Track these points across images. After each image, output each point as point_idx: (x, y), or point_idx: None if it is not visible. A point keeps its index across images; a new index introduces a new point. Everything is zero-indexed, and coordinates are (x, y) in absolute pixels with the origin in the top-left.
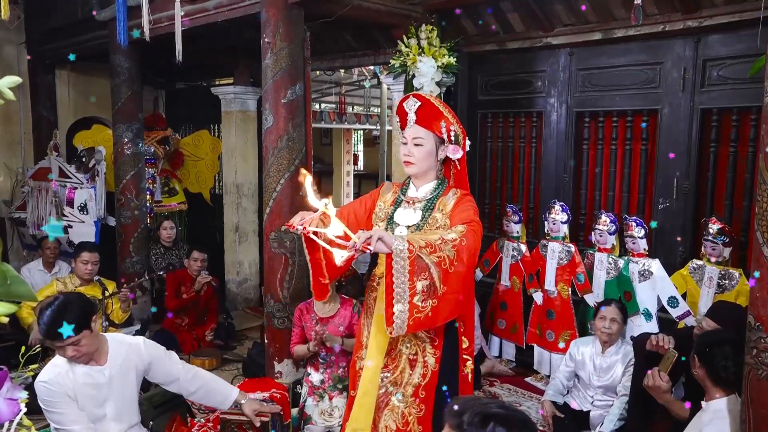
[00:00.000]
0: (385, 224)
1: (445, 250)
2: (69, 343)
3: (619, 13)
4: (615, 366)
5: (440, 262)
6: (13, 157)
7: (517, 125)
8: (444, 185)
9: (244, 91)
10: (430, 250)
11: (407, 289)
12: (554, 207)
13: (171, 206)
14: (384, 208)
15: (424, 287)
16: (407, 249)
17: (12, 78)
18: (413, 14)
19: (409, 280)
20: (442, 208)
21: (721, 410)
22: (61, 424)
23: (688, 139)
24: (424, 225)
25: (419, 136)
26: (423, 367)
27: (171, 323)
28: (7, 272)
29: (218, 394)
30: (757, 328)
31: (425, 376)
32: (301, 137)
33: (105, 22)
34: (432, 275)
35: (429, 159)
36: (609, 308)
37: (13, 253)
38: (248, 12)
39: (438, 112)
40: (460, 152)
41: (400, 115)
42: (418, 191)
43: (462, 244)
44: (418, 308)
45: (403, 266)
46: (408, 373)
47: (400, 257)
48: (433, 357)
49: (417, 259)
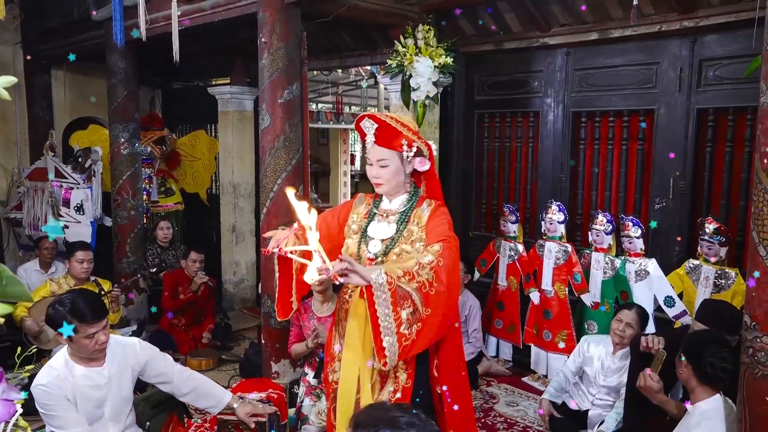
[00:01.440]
0: (358, 237)
1: (423, 275)
2: (102, 327)
3: (616, 14)
4: (623, 369)
5: (420, 287)
6: (9, 158)
7: (514, 125)
8: (417, 196)
9: (241, 91)
10: (409, 278)
11: (393, 320)
12: (551, 207)
13: (167, 206)
14: (357, 220)
15: (409, 315)
16: (386, 281)
17: (8, 78)
18: (410, 14)
19: (393, 311)
20: (417, 220)
21: (707, 411)
22: (60, 427)
23: (684, 139)
24: (399, 238)
25: (383, 158)
26: (394, 383)
27: (168, 324)
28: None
29: (211, 397)
30: (753, 328)
31: (395, 392)
32: (298, 137)
33: (101, 22)
34: (414, 301)
35: (397, 176)
36: (627, 312)
37: (9, 253)
38: (245, 12)
39: (396, 132)
40: (427, 164)
41: (359, 132)
42: (392, 203)
43: (440, 265)
44: (405, 336)
45: (385, 299)
46: (378, 389)
47: (381, 290)
48: (405, 373)
49: (398, 288)
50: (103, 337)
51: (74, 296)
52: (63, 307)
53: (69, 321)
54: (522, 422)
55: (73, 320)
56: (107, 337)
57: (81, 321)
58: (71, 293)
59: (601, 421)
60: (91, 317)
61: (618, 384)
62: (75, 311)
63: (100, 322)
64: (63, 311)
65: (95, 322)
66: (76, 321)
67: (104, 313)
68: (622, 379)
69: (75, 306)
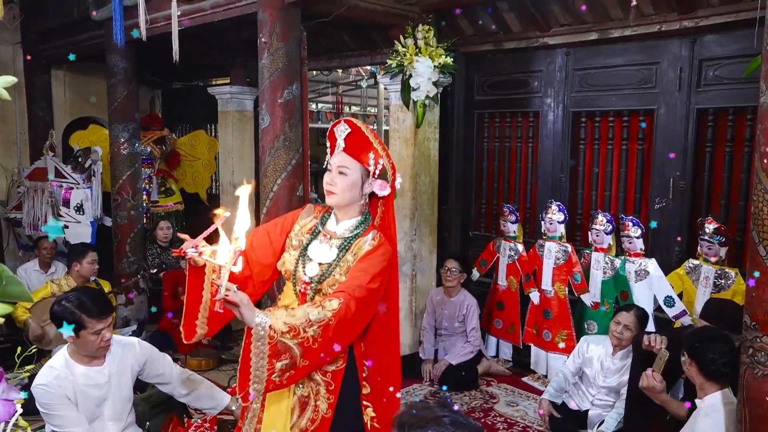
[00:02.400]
0: (297, 254)
1: (309, 332)
2: (108, 324)
3: (616, 14)
4: (622, 370)
5: (303, 342)
6: (9, 158)
7: (513, 125)
8: (367, 224)
9: (241, 91)
10: (293, 334)
11: (265, 371)
12: (551, 207)
13: (167, 206)
14: (299, 234)
15: (284, 366)
16: (268, 336)
17: (7, 78)
18: (410, 14)
19: (269, 362)
20: (357, 251)
21: (715, 404)
22: (61, 427)
23: (684, 139)
24: (336, 266)
25: (345, 165)
26: (313, 411)
27: (168, 324)
28: (3, 272)
29: (210, 398)
30: (753, 328)
31: (314, 422)
32: (298, 137)
33: (101, 21)
34: (294, 354)
35: (352, 191)
36: (625, 314)
37: (8, 253)
38: (245, 12)
39: (368, 143)
40: (387, 189)
41: (330, 140)
42: (338, 226)
43: (330, 324)
44: (274, 383)
45: (262, 350)
46: (297, 414)
47: (260, 342)
48: (326, 402)
49: (278, 343)
50: (108, 334)
51: (81, 293)
52: (70, 303)
53: (77, 316)
54: (522, 422)
55: (82, 315)
56: (111, 335)
57: (90, 316)
58: (77, 291)
59: (601, 421)
60: (98, 312)
61: (618, 384)
62: (83, 306)
63: (107, 318)
64: (70, 307)
65: (103, 318)
66: (86, 316)
67: (111, 309)
68: (621, 379)
69: (83, 302)
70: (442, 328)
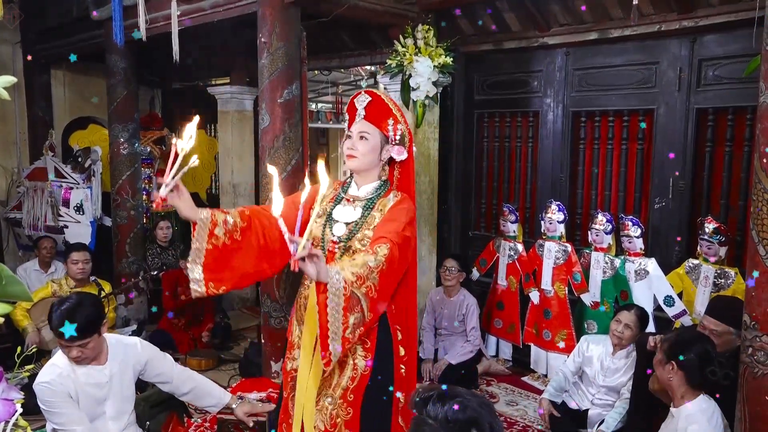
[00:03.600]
0: (323, 221)
1: (371, 278)
2: (77, 344)
3: (615, 13)
4: (622, 369)
5: (368, 291)
6: (9, 157)
7: (513, 125)
8: (386, 186)
9: (241, 90)
10: (360, 283)
11: (341, 325)
12: (551, 206)
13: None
14: (322, 204)
15: (356, 320)
16: (343, 287)
17: (7, 78)
18: (410, 14)
19: (344, 316)
20: (382, 208)
21: (693, 414)
22: (62, 425)
23: (683, 139)
24: (363, 223)
25: (366, 131)
26: (352, 369)
27: (168, 323)
28: (2, 272)
29: (210, 397)
30: (753, 327)
31: (354, 379)
32: (298, 137)
33: (101, 21)
34: (363, 307)
35: (372, 155)
36: (626, 314)
37: (8, 253)
38: (244, 12)
39: (387, 109)
40: (404, 154)
41: (349, 112)
42: (360, 190)
43: (384, 270)
44: (348, 341)
45: (338, 303)
46: (337, 375)
47: (336, 295)
48: (364, 360)
49: (351, 295)
50: (75, 352)
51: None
52: (54, 314)
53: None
54: (522, 421)
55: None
56: (83, 354)
57: (58, 338)
58: (55, 308)
59: (601, 421)
60: (59, 336)
61: (618, 384)
62: (55, 331)
63: (78, 340)
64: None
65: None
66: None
67: (83, 332)
68: (622, 379)
69: (55, 326)
70: (441, 328)
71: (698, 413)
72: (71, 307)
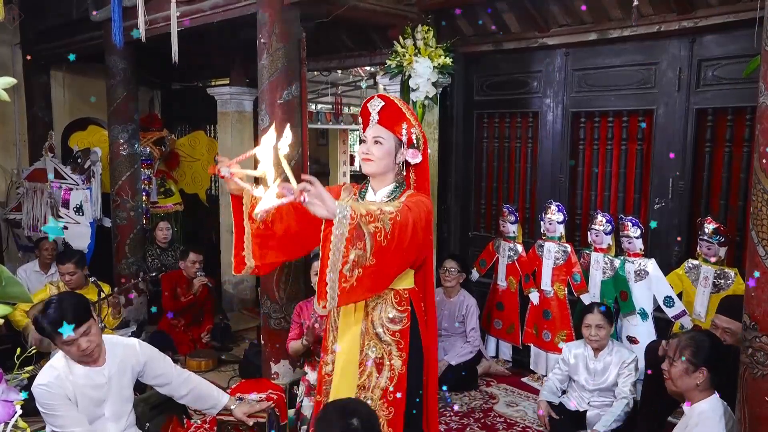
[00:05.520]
0: None
1: (382, 221)
2: (81, 335)
3: (615, 14)
4: (609, 368)
5: (376, 233)
6: (8, 158)
7: (513, 125)
8: (402, 188)
9: (240, 91)
10: (369, 219)
11: (341, 257)
12: (550, 207)
13: (167, 207)
14: None
15: (356, 257)
16: (350, 216)
17: (7, 79)
18: (409, 15)
19: (345, 248)
20: None
21: (705, 411)
22: (61, 427)
23: (683, 139)
24: None
25: (380, 135)
26: (390, 370)
27: (167, 324)
28: (2, 273)
29: (209, 398)
30: (753, 327)
31: (392, 380)
32: (297, 138)
33: (100, 22)
34: (366, 245)
35: (387, 158)
36: (592, 315)
37: (8, 254)
38: (244, 12)
39: (401, 114)
40: (419, 157)
41: (363, 116)
42: (376, 194)
43: (396, 219)
44: (345, 278)
45: (342, 233)
46: (375, 376)
47: (341, 223)
48: (400, 360)
49: (357, 227)
50: (85, 343)
51: (49, 305)
52: (41, 317)
53: (47, 332)
54: (522, 422)
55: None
56: (92, 343)
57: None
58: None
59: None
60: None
61: (609, 383)
62: (42, 322)
63: (79, 328)
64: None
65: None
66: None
67: (80, 320)
68: (611, 377)
69: (46, 314)
70: (441, 329)
71: (710, 411)
72: (56, 308)
